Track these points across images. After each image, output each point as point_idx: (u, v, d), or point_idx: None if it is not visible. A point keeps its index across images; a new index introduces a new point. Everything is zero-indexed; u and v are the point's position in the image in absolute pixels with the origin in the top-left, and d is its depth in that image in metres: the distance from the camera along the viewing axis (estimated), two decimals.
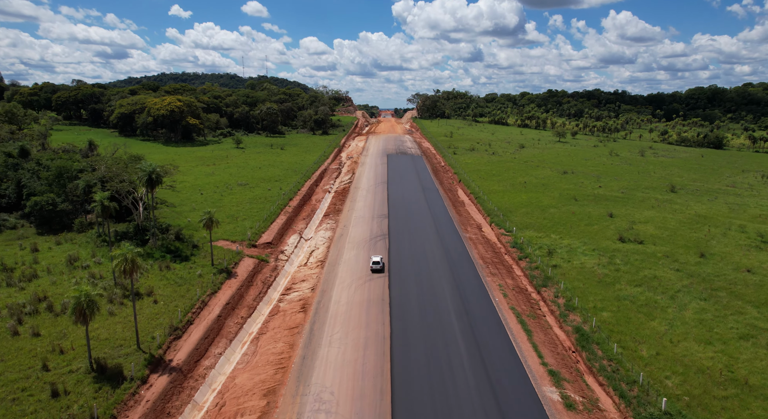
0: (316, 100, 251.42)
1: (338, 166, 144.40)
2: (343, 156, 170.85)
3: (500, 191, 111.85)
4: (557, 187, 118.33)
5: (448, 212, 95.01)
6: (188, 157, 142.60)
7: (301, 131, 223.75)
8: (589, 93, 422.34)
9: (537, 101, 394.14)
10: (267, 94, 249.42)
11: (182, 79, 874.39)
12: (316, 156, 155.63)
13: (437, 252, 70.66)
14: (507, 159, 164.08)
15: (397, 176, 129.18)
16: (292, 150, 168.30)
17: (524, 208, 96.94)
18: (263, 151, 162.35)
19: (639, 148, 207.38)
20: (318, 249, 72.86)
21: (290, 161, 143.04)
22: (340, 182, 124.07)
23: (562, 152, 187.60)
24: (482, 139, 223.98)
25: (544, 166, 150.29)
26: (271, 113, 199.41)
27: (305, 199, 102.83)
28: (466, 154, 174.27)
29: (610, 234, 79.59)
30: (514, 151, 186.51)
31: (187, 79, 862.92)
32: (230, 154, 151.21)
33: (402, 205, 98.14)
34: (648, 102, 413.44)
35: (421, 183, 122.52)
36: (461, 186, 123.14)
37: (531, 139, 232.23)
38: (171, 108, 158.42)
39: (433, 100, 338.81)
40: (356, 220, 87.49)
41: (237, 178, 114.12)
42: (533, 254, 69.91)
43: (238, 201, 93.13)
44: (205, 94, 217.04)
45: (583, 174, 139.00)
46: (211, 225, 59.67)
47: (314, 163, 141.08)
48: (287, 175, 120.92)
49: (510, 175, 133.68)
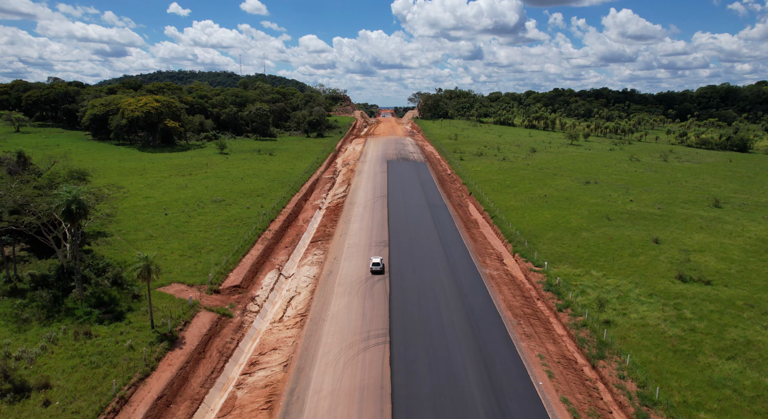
0: (311, 100, 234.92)
1: (332, 176, 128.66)
2: (338, 162, 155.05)
3: (519, 207, 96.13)
4: (583, 201, 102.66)
5: (460, 237, 79.29)
6: (163, 164, 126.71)
7: (294, 133, 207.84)
8: (597, 92, 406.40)
9: (543, 100, 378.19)
10: (258, 94, 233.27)
11: (179, 78, 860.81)
12: (308, 163, 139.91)
13: (452, 301, 54.91)
14: (519, 165, 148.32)
15: (398, 188, 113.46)
16: (282, 156, 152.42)
17: (551, 230, 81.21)
18: (249, 157, 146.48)
19: (659, 152, 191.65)
20: (299, 295, 57.11)
21: (278, 169, 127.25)
22: (333, 196, 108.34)
23: (578, 157, 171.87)
24: (489, 142, 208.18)
25: (562, 175, 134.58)
26: (261, 114, 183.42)
27: (290, 218, 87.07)
28: (474, 159, 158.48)
29: (663, 270, 63.96)
30: (526, 155, 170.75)
31: (184, 77, 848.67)
32: (211, 161, 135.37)
33: (405, 228, 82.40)
34: (658, 101, 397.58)
35: (427, 196, 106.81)
36: (472, 200, 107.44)
37: (541, 142, 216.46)
38: (147, 109, 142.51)
39: (435, 100, 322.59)
40: (350, 250, 71.76)
41: (213, 192, 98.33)
42: (576, 302, 54.21)
43: (207, 224, 77.32)
44: (190, 94, 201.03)
45: (608, 184, 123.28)
46: (148, 276, 43.88)
47: (305, 171, 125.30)
48: (272, 188, 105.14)
49: (526, 185, 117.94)
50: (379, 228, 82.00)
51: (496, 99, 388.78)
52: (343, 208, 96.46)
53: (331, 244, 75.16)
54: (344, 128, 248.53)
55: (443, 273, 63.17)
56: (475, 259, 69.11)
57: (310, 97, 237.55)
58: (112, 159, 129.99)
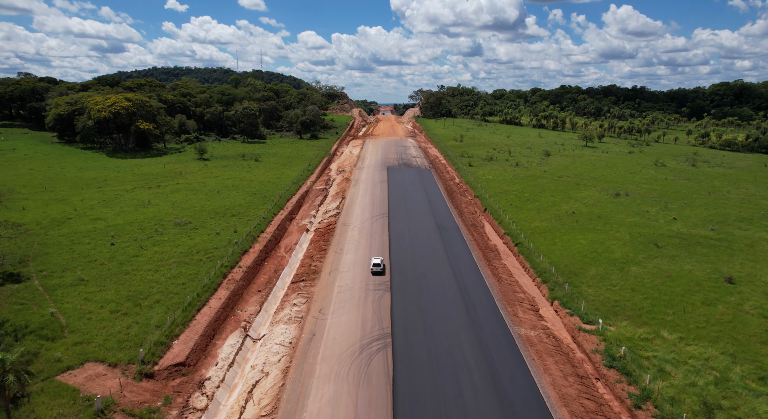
0: (305, 98, 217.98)
1: (324, 186, 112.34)
2: (333, 168, 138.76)
3: (545, 230, 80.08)
4: (618, 220, 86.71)
5: (480, 274, 63.23)
6: (130, 174, 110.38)
7: (286, 135, 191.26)
8: (606, 89, 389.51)
9: (550, 98, 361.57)
10: (248, 91, 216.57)
11: (174, 74, 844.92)
12: (297, 170, 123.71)
13: (482, 389, 38.88)
14: (535, 172, 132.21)
15: (401, 203, 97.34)
16: (270, 161, 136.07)
17: (592, 264, 65.22)
18: (232, 163, 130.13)
19: (684, 156, 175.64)
20: (267, 377, 40.92)
21: (262, 179, 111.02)
22: (324, 213, 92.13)
23: (597, 162, 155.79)
24: (498, 144, 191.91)
25: (585, 184, 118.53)
26: (249, 114, 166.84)
27: (269, 247, 70.92)
28: (484, 165, 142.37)
29: (758, 329, 48.10)
30: (540, 160, 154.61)
31: (179, 73, 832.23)
32: (188, 169, 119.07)
33: (410, 261, 66.28)
34: (669, 99, 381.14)
35: (434, 214, 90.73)
36: (488, 217, 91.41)
37: (553, 144, 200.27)
38: (116, 109, 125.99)
39: (438, 97, 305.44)
40: (340, 297, 55.66)
41: (179, 211, 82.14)
42: (658, 394, 38.20)
43: (162, 259, 61.16)
44: (173, 91, 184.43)
45: (640, 196, 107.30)
46: (23, 389, 27.68)
47: (293, 182, 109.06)
48: (252, 204, 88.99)
49: (548, 199, 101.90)
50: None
51: (500, 97, 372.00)
52: (334, 230, 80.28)
53: (317, 287, 58.96)
54: (341, 128, 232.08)
55: (464, 335, 47.13)
56: (503, 310, 53.08)
57: (304, 95, 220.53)
58: (71, 166, 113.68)
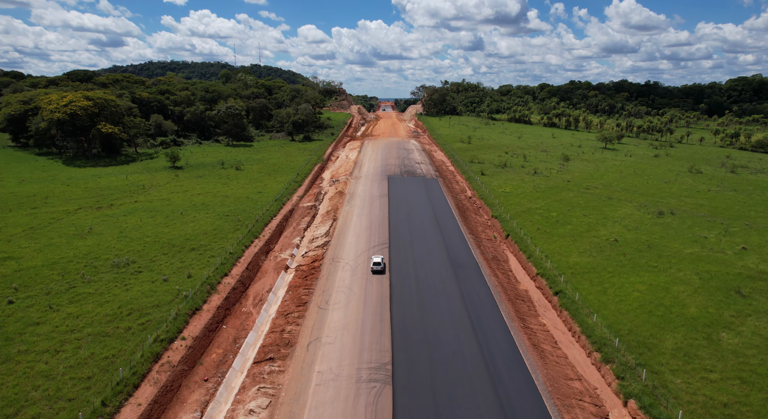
0: (298, 95, 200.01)
1: (313, 203, 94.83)
2: (325, 178, 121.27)
3: (588, 267, 62.84)
4: (674, 250, 69.49)
5: (514, 342, 46.06)
6: (82, 187, 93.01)
7: (276, 136, 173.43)
8: (617, 84, 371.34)
9: (559, 94, 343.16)
10: (237, 87, 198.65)
11: (171, 68, 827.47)
12: (284, 181, 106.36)
13: None
14: (557, 182, 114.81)
15: (404, 227, 79.98)
16: (253, 170, 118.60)
17: (665, 327, 48.00)
18: (208, 173, 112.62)
19: (719, 160, 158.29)
20: None
21: (240, 195, 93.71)
22: (310, 241, 74.75)
23: (623, 168, 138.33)
24: (510, 146, 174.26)
25: (618, 198, 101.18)
26: (233, 114, 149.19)
27: (233, 299, 53.72)
28: (498, 173, 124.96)
29: None
30: (560, 166, 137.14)
31: (176, 68, 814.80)
32: (154, 181, 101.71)
33: (421, 328, 48.80)
34: (685, 94, 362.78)
35: (446, 243, 73.42)
36: (510, 246, 74.12)
37: (570, 145, 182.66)
38: (72, 109, 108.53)
39: (442, 94, 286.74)
40: (321, 394, 38.41)
41: (125, 244, 64.93)
42: None
43: (70, 329, 43.93)
44: (152, 88, 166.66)
45: (688, 214, 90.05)
46: None
47: (276, 197, 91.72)
48: (221, 232, 71.75)
49: (580, 219, 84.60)
50: (376, 324, 48.75)
51: (507, 93, 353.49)
52: (321, 269, 63.00)
53: (288, 373, 41.67)
54: (338, 128, 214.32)
55: None
56: (553, 414, 35.97)
57: (297, 92, 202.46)
58: (12, 178, 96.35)
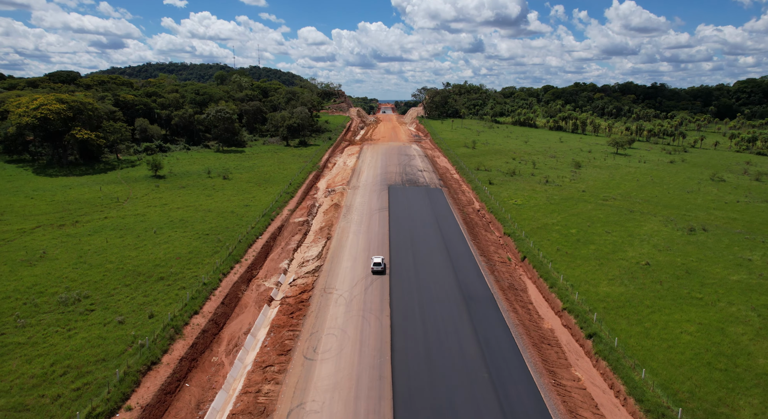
0: (294, 98, 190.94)
1: (306, 218, 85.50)
2: (320, 187, 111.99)
3: (622, 299, 53.54)
4: (717, 277, 60.26)
5: (546, 408, 36.76)
6: (45, 201, 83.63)
7: (270, 141, 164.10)
8: (623, 86, 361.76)
9: (564, 96, 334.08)
10: (231, 89, 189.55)
11: (169, 70, 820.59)
12: (274, 192, 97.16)
13: None
14: (572, 192, 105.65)
15: (407, 248, 70.67)
16: (241, 179, 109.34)
17: (732, 387, 38.75)
18: (192, 183, 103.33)
19: (740, 167, 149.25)
20: None
21: (225, 208, 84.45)
22: (300, 266, 65.43)
23: (640, 176, 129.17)
24: (517, 151, 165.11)
25: (641, 211, 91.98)
26: (224, 118, 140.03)
27: (202, 346, 44.44)
28: (507, 181, 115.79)
29: None
30: (572, 174, 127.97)
31: (175, 69, 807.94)
32: (130, 194, 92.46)
33: (428, 383, 39.73)
34: (692, 97, 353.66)
35: (455, 267, 64.17)
36: (528, 270, 64.90)
37: (579, 151, 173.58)
38: (42, 113, 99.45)
39: (444, 96, 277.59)
40: None
41: (82, 272, 55.65)
42: None
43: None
44: (138, 90, 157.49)
45: (722, 230, 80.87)
46: None
47: (265, 212, 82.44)
48: (198, 255, 62.52)
49: (603, 237, 75.34)
50: (374, 382, 39.49)
51: (510, 95, 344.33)
52: (310, 303, 53.77)
53: None
54: (336, 131, 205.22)
55: None
56: None
57: (293, 94, 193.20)
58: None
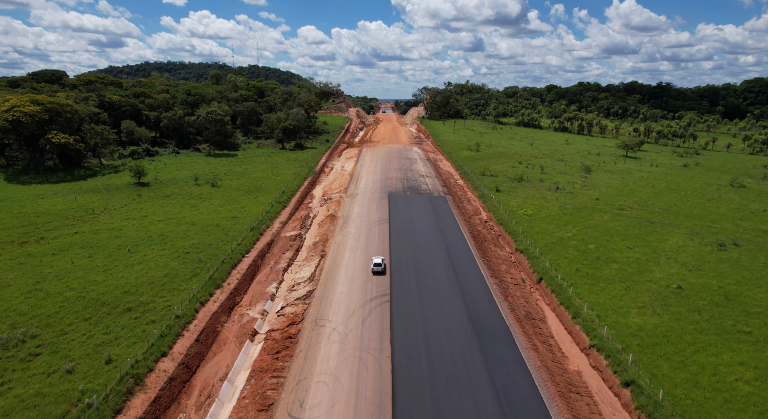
0: (291, 98, 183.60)
1: (299, 232, 78.16)
2: (316, 195, 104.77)
3: (657, 334, 46.20)
4: (764, 303, 53.14)
5: None
6: (11, 214, 76.10)
7: (264, 144, 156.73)
8: (628, 86, 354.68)
9: (568, 96, 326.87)
10: (225, 89, 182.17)
11: (167, 69, 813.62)
12: (266, 201, 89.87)
13: None
14: (585, 201, 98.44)
15: (410, 270, 63.38)
16: (231, 187, 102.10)
17: None
18: (178, 191, 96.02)
19: (755, 170, 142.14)
20: None
21: (210, 221, 77.18)
22: (289, 290, 58.12)
23: (654, 181, 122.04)
24: (523, 155, 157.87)
25: (661, 221, 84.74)
26: (215, 120, 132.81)
27: (165, 401, 37.15)
28: (516, 188, 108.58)
29: None
30: (583, 180, 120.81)
31: (173, 68, 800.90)
32: (109, 204, 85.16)
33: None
34: (699, 96, 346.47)
35: (463, 290, 56.92)
36: (546, 295, 57.65)
37: (587, 153, 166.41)
38: (14, 115, 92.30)
39: (445, 96, 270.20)
40: None
41: (33, 304, 48.38)
42: None
43: None
44: (126, 90, 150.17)
45: (756, 245, 73.69)
46: None
47: (254, 225, 75.19)
48: (175, 278, 55.25)
49: (624, 253, 68.13)
50: None
51: (513, 95, 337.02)
52: (299, 339, 46.56)
53: None
54: (334, 133, 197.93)
55: None
56: None
57: (289, 94, 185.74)
58: None
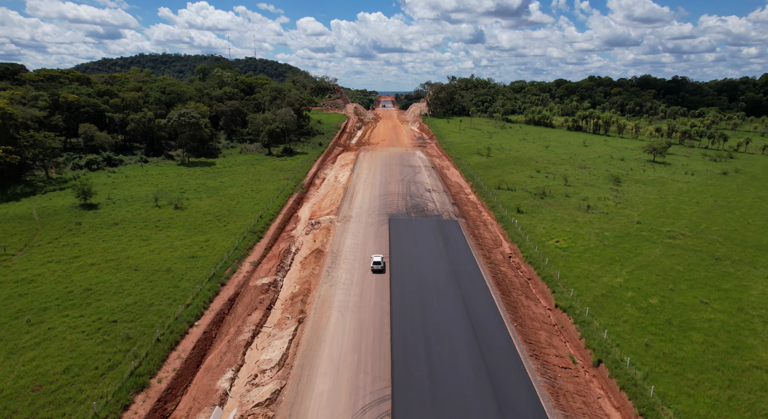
0: (280, 96, 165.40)
1: (274, 277, 60.67)
2: (301, 218, 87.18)
3: None
4: None
5: None
6: None
7: (249, 149, 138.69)
8: (642, 81, 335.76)
9: (579, 92, 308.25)
10: (208, 86, 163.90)
11: (162, 61, 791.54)
12: (238, 230, 72.42)
13: None
14: (625, 224, 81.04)
15: (419, 347, 45.72)
16: (199, 209, 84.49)
17: None
18: (130, 217, 78.37)
19: None
20: None
21: (160, 263, 59.77)
22: (246, 384, 40.85)
23: (697, 195, 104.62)
24: (540, 161, 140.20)
25: (730, 257, 67.38)
26: (188, 123, 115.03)
27: None
28: (539, 207, 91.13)
29: None
30: (615, 195, 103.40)
31: (169, 61, 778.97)
32: (34, 238, 67.77)
33: None
34: (717, 91, 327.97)
35: (495, 387, 39.86)
36: (608, 389, 40.44)
37: (609, 158, 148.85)
38: None
39: (449, 92, 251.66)
40: None
41: None
42: None
43: None
44: (89, 87, 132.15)
45: None
46: None
47: (212, 275, 58.03)
48: (79, 376, 38.06)
49: (701, 312, 50.93)
50: None
51: (520, 90, 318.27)
52: None
53: None
54: (329, 134, 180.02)
55: None
56: None
57: (278, 92, 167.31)
58: None
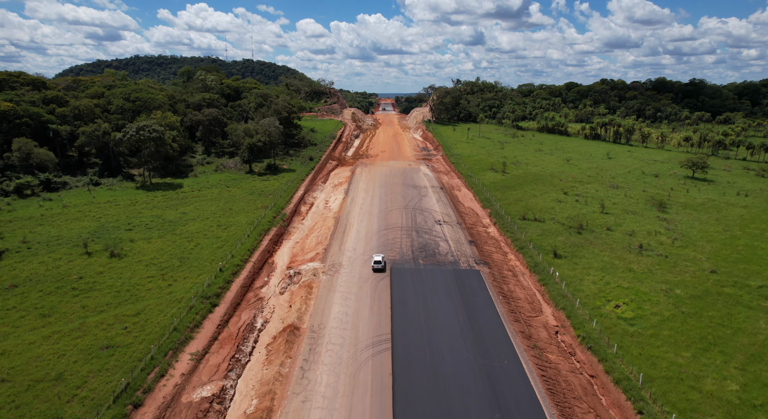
0: (266, 103, 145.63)
1: (221, 383, 41.25)
2: (278, 266, 67.33)
3: None
4: None
5: None
6: None
7: (227, 165, 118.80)
8: (657, 84, 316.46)
9: (592, 96, 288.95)
10: (185, 92, 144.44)
11: (158, 63, 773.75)
12: (185, 296, 53.01)
13: None
14: (697, 274, 61.45)
15: None
16: (142, 256, 64.58)
17: None
18: (41, 274, 58.63)
19: None
20: None
21: (52, 364, 40.11)
22: None
23: (763, 224, 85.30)
24: (564, 178, 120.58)
25: None
26: (149, 138, 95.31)
27: None
28: (580, 248, 71.41)
29: None
30: (665, 226, 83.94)
31: (164, 63, 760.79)
32: None
33: None
34: (737, 94, 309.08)
35: None
36: None
37: (640, 173, 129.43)
38: None
39: (455, 96, 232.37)
40: None
41: None
42: None
43: None
44: (32, 94, 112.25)
45: None
46: None
47: (124, 388, 38.73)
48: None
49: None
50: None
51: (528, 93, 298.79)
52: None
53: None
54: (322, 145, 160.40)
55: None
56: None
57: (264, 98, 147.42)
58: None
